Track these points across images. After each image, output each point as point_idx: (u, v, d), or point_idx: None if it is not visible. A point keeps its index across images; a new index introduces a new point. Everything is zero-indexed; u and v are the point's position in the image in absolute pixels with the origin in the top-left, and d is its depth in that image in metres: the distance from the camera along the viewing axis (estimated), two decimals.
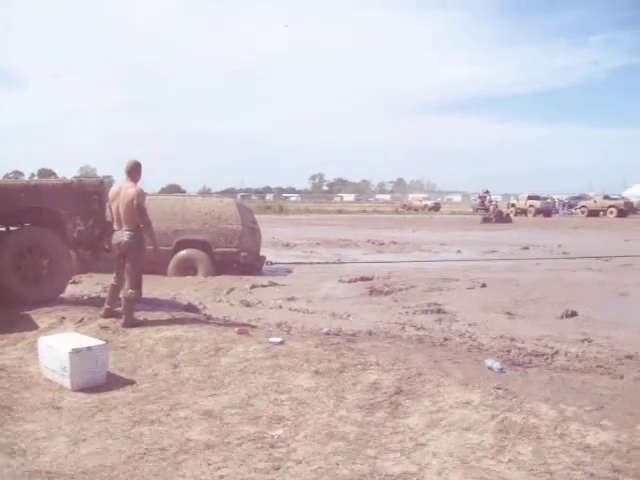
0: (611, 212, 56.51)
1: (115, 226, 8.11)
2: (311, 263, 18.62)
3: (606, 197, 61.87)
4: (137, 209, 7.85)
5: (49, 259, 9.11)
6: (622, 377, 6.62)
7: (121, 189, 8.00)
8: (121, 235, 7.94)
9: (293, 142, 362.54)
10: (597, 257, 20.42)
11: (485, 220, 47.38)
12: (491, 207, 52.23)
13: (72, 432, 5.24)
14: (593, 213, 57.82)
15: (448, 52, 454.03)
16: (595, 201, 60.91)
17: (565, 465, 4.54)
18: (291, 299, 11.71)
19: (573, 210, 64.13)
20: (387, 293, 12.66)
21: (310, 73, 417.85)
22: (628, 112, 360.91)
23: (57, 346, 6.42)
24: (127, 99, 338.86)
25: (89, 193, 9.39)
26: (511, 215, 53.27)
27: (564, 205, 67.21)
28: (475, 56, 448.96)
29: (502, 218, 47.89)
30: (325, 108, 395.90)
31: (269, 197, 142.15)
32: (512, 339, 8.46)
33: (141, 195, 7.96)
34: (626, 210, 56.26)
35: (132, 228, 7.91)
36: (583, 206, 60.99)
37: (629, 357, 7.63)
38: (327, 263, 18.72)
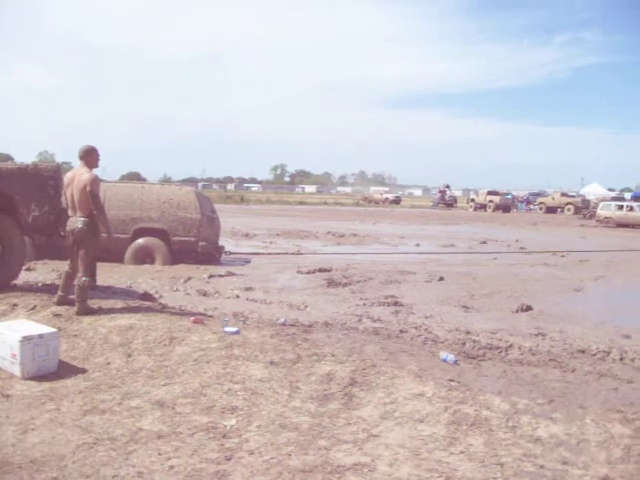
0: (568, 209, 57.35)
1: (70, 212, 7.96)
2: (270, 254, 18.54)
3: (564, 194, 62.83)
4: (90, 196, 7.71)
5: (2, 245, 8.91)
6: (574, 371, 6.70)
7: (75, 175, 7.85)
8: (75, 222, 7.80)
9: (255, 132, 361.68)
10: (553, 252, 20.73)
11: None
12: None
13: (21, 421, 5.14)
14: (551, 210, 58.66)
15: (412, 47, 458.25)
16: (553, 198, 61.79)
17: (515, 457, 4.59)
18: (249, 289, 11.67)
19: (532, 206, 64.91)
20: (345, 285, 12.67)
21: (273, 64, 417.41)
22: (588, 112, 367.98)
23: (8, 333, 6.28)
24: (87, 84, 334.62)
25: (45, 178, 9.18)
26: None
27: (523, 201, 67.96)
28: (439, 52, 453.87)
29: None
30: (289, 98, 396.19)
31: (230, 187, 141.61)
32: (467, 332, 8.53)
33: (95, 181, 7.81)
34: (583, 207, 57.11)
35: (86, 215, 7.78)
36: (541, 203, 61.82)
37: (581, 351, 7.75)
38: (286, 254, 18.66)
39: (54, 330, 6.55)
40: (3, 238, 8.92)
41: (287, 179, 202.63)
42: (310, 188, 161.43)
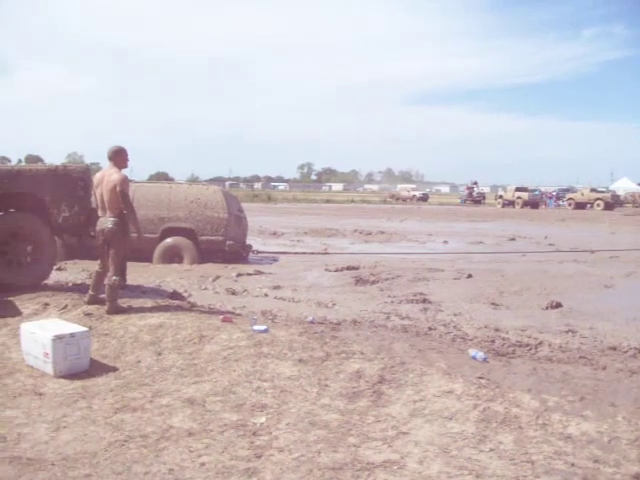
0: (598, 205, 56.70)
1: (99, 212, 8.04)
2: (296, 253, 18.50)
3: (593, 190, 62.09)
4: (120, 195, 7.78)
5: (33, 245, 9.04)
6: (605, 368, 6.65)
7: (105, 175, 7.93)
8: (105, 222, 7.88)
9: (282, 131, 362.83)
10: (584, 251, 20.49)
11: None
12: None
13: (53, 419, 5.21)
14: (580, 205, 58.00)
15: (437, 42, 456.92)
16: (582, 194, 61.11)
17: (546, 455, 4.56)
18: (277, 287, 11.70)
19: (560, 202, 64.30)
20: (373, 282, 12.66)
21: (299, 62, 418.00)
22: (617, 106, 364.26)
23: (40, 332, 6.37)
24: (113, 86, 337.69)
25: (74, 179, 9.29)
26: None
27: (552, 197, 67.34)
28: (465, 47, 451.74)
29: None
30: (314, 97, 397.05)
31: (257, 186, 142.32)
32: (496, 329, 8.48)
33: (124, 181, 7.87)
34: (613, 203, 56.45)
35: (116, 215, 7.85)
36: (570, 198, 61.17)
37: (612, 348, 7.67)
38: (313, 253, 18.64)
39: (85, 329, 6.63)
40: (34, 238, 9.05)
41: (314, 177, 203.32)
42: (337, 186, 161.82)
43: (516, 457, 4.52)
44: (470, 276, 13.68)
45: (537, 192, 64.60)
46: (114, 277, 7.79)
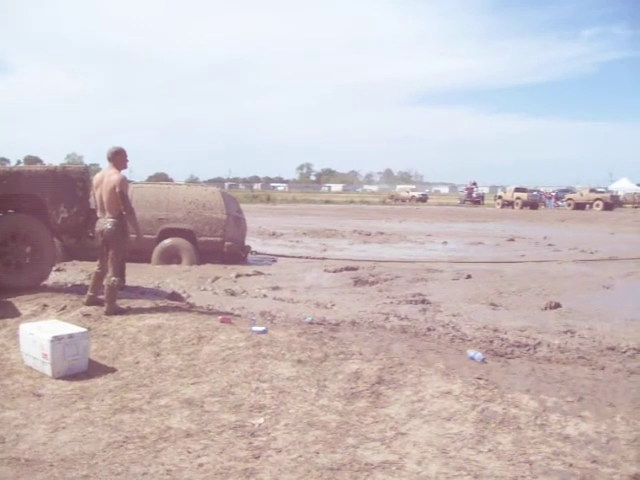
0: (597, 205, 56.68)
1: (99, 213, 8.03)
2: (293, 257, 18.34)
3: (592, 190, 62.05)
4: (119, 196, 7.78)
5: (32, 246, 9.02)
6: (603, 368, 6.64)
7: (104, 176, 7.92)
8: (104, 222, 7.87)
9: (281, 132, 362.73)
10: (586, 254, 20.46)
11: None
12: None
13: (52, 420, 5.21)
14: (579, 206, 57.96)
15: (437, 44, 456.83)
16: (582, 194, 61.07)
17: (544, 455, 4.56)
18: (276, 288, 11.70)
19: (560, 203, 64.24)
20: (372, 283, 12.66)
21: (298, 64, 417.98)
22: (616, 106, 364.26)
23: (38, 333, 6.37)
24: (113, 87, 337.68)
25: (73, 180, 9.28)
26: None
27: (551, 197, 67.28)
28: (464, 48, 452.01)
29: None
30: (313, 99, 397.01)
31: (257, 187, 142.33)
32: (495, 330, 8.48)
33: (124, 182, 7.87)
34: (612, 203, 56.43)
35: (115, 215, 7.84)
36: (569, 199, 61.14)
37: (611, 349, 7.67)
38: (308, 257, 18.56)
39: (84, 330, 6.62)
40: (33, 239, 9.03)
41: (313, 178, 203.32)
42: (336, 187, 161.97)
43: (514, 458, 4.52)
44: (469, 277, 13.69)
45: (536, 193, 64.55)
46: (113, 278, 7.78)
